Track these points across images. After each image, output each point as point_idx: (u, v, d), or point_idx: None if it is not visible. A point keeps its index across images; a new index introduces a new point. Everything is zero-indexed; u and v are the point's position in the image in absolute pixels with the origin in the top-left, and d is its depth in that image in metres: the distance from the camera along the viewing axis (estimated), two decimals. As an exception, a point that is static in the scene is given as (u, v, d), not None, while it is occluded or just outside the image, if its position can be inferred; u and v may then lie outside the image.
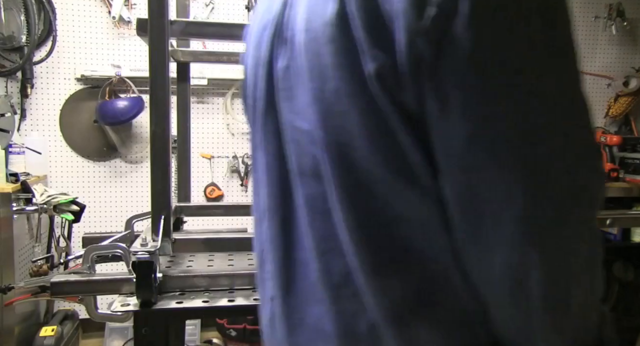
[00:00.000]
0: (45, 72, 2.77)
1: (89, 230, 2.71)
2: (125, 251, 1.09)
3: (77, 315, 2.66)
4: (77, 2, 2.76)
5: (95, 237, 1.35)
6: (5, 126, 2.45)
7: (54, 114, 2.80)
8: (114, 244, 1.14)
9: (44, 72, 2.76)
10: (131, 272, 1.04)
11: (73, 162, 2.86)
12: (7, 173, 2.26)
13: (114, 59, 2.82)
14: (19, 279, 2.08)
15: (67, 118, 2.81)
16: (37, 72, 2.74)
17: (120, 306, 1.03)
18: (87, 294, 1.08)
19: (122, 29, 2.81)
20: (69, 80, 2.80)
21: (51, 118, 2.80)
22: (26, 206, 2.00)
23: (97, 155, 2.88)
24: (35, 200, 1.90)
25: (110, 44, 2.83)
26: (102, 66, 2.79)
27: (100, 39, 2.81)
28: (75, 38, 2.79)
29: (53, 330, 2.27)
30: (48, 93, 2.79)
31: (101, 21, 2.81)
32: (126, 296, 1.06)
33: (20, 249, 2.28)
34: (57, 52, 2.75)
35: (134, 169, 2.95)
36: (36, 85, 2.74)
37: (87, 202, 2.18)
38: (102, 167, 2.91)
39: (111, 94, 2.78)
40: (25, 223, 2.35)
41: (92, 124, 2.82)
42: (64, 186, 2.82)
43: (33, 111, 2.77)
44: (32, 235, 2.34)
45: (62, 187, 2.79)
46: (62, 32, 2.76)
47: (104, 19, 2.80)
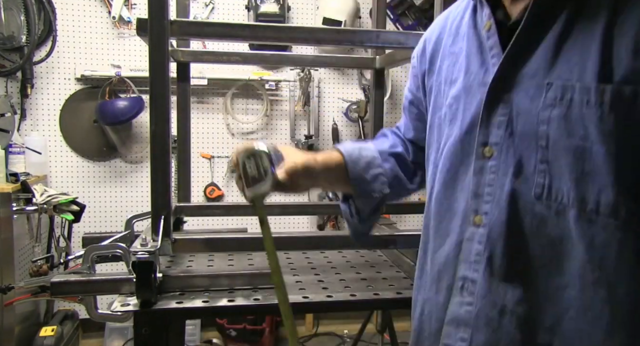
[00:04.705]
0: (45, 72, 2.77)
1: (89, 230, 2.71)
2: (125, 251, 1.09)
3: (77, 315, 2.66)
4: (77, 2, 2.76)
5: (95, 237, 1.35)
6: (5, 126, 2.45)
7: (54, 114, 2.80)
8: (114, 244, 1.14)
9: (44, 72, 2.76)
10: (131, 272, 1.04)
11: (73, 162, 2.86)
12: (7, 173, 2.26)
13: (114, 59, 2.82)
14: (19, 279, 2.08)
15: (67, 118, 2.81)
16: (37, 72, 2.74)
17: (120, 306, 1.03)
18: (87, 294, 1.08)
19: (122, 29, 2.81)
20: (69, 80, 2.80)
21: (51, 118, 2.80)
22: (26, 206, 2.00)
23: (97, 155, 2.88)
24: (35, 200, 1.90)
25: (110, 44, 2.83)
26: (102, 66, 2.79)
27: (100, 39, 2.81)
28: (75, 38, 2.79)
29: (53, 330, 2.27)
30: (48, 94, 2.79)
31: (101, 21, 2.81)
32: (126, 296, 1.06)
33: (20, 249, 2.28)
34: (57, 52, 2.75)
35: (134, 169, 2.95)
36: (36, 85, 2.74)
37: (87, 202, 2.18)
38: (102, 167, 2.91)
39: (111, 94, 2.78)
40: (25, 223, 2.35)
41: (92, 124, 2.82)
42: (64, 186, 2.82)
43: (33, 111, 2.77)
44: (32, 235, 2.34)
45: (62, 187, 2.79)
46: (62, 32, 2.76)
47: (104, 19, 2.80)
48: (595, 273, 0.58)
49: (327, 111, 3.15)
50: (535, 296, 0.62)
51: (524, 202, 0.63)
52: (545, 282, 0.62)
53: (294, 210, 1.88)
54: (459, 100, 0.73)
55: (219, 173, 3.04)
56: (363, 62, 2.02)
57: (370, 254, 1.49)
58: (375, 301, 1.13)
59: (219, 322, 2.85)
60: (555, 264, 0.61)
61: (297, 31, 1.40)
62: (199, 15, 2.88)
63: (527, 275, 0.63)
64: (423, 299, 0.78)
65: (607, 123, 0.56)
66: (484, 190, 0.67)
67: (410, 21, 3.12)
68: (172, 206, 1.16)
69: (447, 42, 0.80)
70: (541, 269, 0.62)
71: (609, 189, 0.56)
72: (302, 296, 1.11)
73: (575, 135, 0.58)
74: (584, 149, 0.57)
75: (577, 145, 0.58)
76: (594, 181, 0.57)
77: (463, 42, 0.75)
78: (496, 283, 0.65)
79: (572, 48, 0.60)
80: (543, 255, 0.62)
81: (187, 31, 1.22)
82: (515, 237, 0.63)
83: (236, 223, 2.58)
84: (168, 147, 1.11)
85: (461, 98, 0.72)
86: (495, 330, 0.64)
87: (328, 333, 3.11)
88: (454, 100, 0.74)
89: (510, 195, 0.64)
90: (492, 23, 0.69)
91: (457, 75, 0.75)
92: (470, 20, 0.75)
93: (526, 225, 0.62)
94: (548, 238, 0.61)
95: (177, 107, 1.64)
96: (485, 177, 0.67)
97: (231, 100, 2.99)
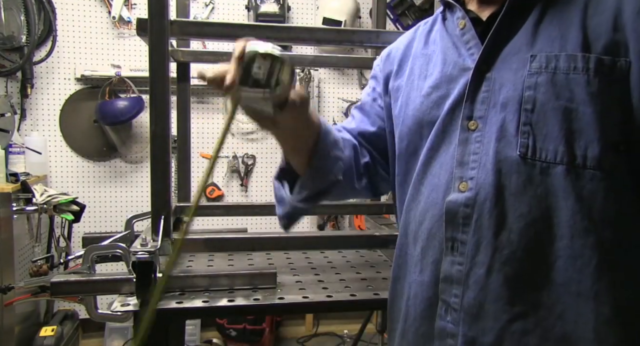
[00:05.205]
0: (45, 72, 2.77)
1: (89, 230, 2.72)
2: (125, 251, 1.09)
3: (77, 315, 2.66)
4: (77, 2, 2.76)
5: (95, 237, 1.35)
6: (5, 126, 2.45)
7: (54, 114, 2.80)
8: (114, 244, 1.14)
9: (44, 72, 2.76)
10: (131, 272, 1.04)
11: (73, 162, 2.86)
12: (7, 173, 2.26)
13: (114, 59, 2.82)
14: (19, 279, 2.08)
15: (67, 118, 2.81)
16: (37, 72, 2.74)
17: (120, 306, 1.03)
18: (87, 294, 1.08)
19: (122, 29, 2.81)
20: (68, 80, 2.80)
21: (51, 118, 2.80)
22: (26, 206, 1.99)
23: (97, 155, 2.88)
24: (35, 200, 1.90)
25: (110, 44, 2.83)
26: (102, 66, 2.79)
27: (100, 39, 2.81)
28: (75, 38, 2.79)
29: (53, 330, 2.27)
30: (48, 94, 2.79)
31: (101, 21, 2.81)
32: (126, 296, 1.06)
33: (20, 249, 2.28)
34: (57, 52, 2.75)
35: (134, 169, 2.95)
36: (36, 85, 2.74)
37: (87, 202, 2.18)
38: (102, 167, 2.91)
39: (111, 94, 2.78)
40: (25, 223, 2.35)
41: (92, 124, 2.82)
42: (64, 186, 2.82)
43: (33, 111, 2.77)
44: (32, 235, 2.34)
45: (62, 187, 2.79)
46: (62, 32, 2.76)
47: (104, 19, 2.80)
48: (584, 222, 0.63)
49: (327, 111, 3.15)
50: (523, 255, 0.66)
51: (509, 163, 0.67)
52: (533, 238, 0.65)
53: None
54: (438, 88, 0.77)
55: (219, 173, 3.04)
56: (363, 62, 2.02)
57: (370, 254, 1.49)
58: (375, 301, 1.13)
59: (219, 322, 2.85)
60: (543, 219, 0.65)
61: (297, 31, 1.40)
62: (199, 15, 2.88)
63: (515, 234, 0.66)
64: (408, 283, 0.79)
65: (592, 86, 0.63)
66: (470, 158, 0.70)
67: (410, 21, 3.12)
68: (172, 206, 1.16)
69: (417, 46, 0.85)
70: (529, 226, 0.65)
71: (594, 144, 0.63)
72: (302, 296, 1.11)
73: (562, 98, 0.64)
74: (571, 110, 0.64)
75: (565, 106, 0.64)
76: (581, 138, 0.64)
77: (435, 45, 0.81)
78: (484, 245, 0.68)
79: (550, 26, 0.68)
80: (530, 212, 0.65)
81: (187, 31, 1.22)
82: (502, 197, 0.67)
83: (236, 223, 2.58)
84: (168, 147, 1.12)
85: (441, 86, 0.76)
86: (483, 288, 0.68)
87: (328, 333, 3.11)
88: (432, 89, 0.77)
89: (495, 158, 0.67)
90: (467, 21, 0.76)
91: (432, 70, 0.79)
92: (441, 27, 0.82)
93: (512, 185, 0.66)
94: (534, 195, 0.65)
95: (177, 107, 1.64)
96: (471, 147, 0.71)
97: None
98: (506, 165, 0.67)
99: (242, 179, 3.03)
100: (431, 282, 0.73)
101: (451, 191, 0.71)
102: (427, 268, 0.74)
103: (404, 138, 0.82)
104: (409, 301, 0.78)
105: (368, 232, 1.48)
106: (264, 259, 1.41)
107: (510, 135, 0.67)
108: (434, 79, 0.77)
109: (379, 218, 1.61)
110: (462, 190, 0.70)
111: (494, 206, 0.67)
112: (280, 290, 1.14)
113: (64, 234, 2.20)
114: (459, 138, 0.72)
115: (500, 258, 0.66)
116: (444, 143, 0.74)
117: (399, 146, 0.84)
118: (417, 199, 0.77)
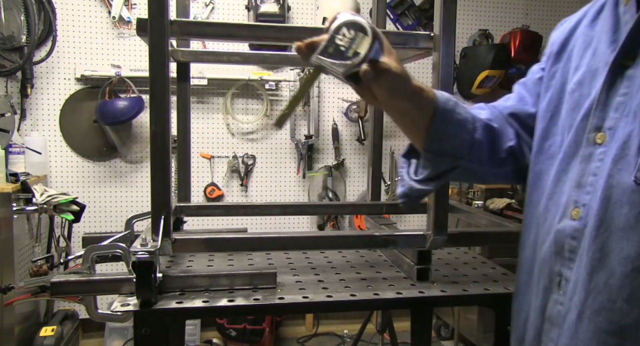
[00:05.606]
0: (45, 72, 2.77)
1: (89, 230, 2.71)
2: (125, 251, 1.09)
3: (77, 315, 2.66)
4: (77, 2, 2.77)
5: (95, 237, 1.35)
6: (5, 126, 2.45)
7: (54, 114, 2.80)
8: (114, 244, 1.14)
9: (44, 72, 2.76)
10: (131, 272, 1.04)
11: (73, 162, 2.86)
12: (7, 173, 2.26)
13: (114, 59, 2.82)
14: (19, 279, 2.08)
15: (67, 118, 2.81)
16: (37, 72, 2.74)
17: (120, 306, 1.03)
18: (87, 294, 1.08)
19: (122, 29, 2.81)
20: (68, 80, 2.80)
21: (51, 118, 2.80)
22: (26, 206, 2.00)
23: (97, 155, 2.89)
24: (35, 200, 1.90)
25: (110, 44, 2.83)
26: (102, 66, 2.79)
27: (100, 39, 2.81)
28: (75, 38, 2.79)
29: (53, 330, 2.27)
30: (48, 94, 2.79)
31: (101, 21, 2.81)
32: (126, 296, 1.06)
33: (20, 249, 2.28)
34: (57, 52, 2.75)
35: (134, 169, 2.95)
36: (36, 85, 2.74)
37: (87, 202, 2.19)
38: (102, 167, 2.91)
39: (111, 94, 2.78)
40: (25, 223, 2.35)
41: (92, 124, 2.82)
42: (64, 186, 2.83)
43: (33, 111, 2.77)
44: (32, 235, 2.34)
45: (62, 187, 2.79)
46: (62, 32, 2.76)
47: (104, 19, 2.80)
48: None
49: (327, 111, 3.15)
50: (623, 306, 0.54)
51: (622, 189, 0.54)
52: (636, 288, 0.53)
53: (294, 210, 1.87)
54: (582, 85, 0.65)
55: (219, 173, 3.04)
56: (363, 62, 2.01)
57: (370, 254, 1.49)
58: (375, 301, 1.13)
59: (219, 322, 2.86)
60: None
61: (297, 31, 1.40)
62: (199, 15, 2.89)
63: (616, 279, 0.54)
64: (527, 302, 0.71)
65: None
66: (587, 180, 0.59)
67: (410, 21, 3.12)
68: (172, 206, 1.16)
69: (585, 22, 0.72)
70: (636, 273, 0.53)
71: None
72: (302, 296, 1.11)
73: None
74: None
75: None
76: None
77: (600, 22, 0.67)
78: (580, 286, 0.58)
79: None
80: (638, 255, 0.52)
81: (187, 31, 1.22)
82: (607, 231, 0.55)
83: (236, 223, 2.58)
84: (168, 147, 1.11)
85: (584, 82, 0.64)
86: (574, 336, 0.59)
87: (328, 333, 3.11)
88: (576, 85, 0.66)
89: (606, 182, 0.55)
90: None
91: (585, 60, 0.67)
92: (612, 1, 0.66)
93: (621, 217, 0.54)
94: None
95: (177, 107, 1.64)
96: (592, 166, 0.59)
97: (231, 100, 2.99)
98: (617, 192, 0.54)
99: (242, 179, 3.03)
100: (541, 313, 0.66)
101: (564, 217, 0.62)
102: (539, 296, 0.67)
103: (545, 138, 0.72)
104: (527, 324, 0.71)
105: (368, 232, 1.48)
106: (264, 259, 1.41)
107: (631, 155, 0.53)
108: (581, 72, 0.66)
109: (379, 218, 1.61)
110: (574, 217, 0.60)
111: (593, 240, 0.56)
112: (280, 290, 1.14)
113: (64, 234, 2.20)
114: (582, 154, 0.61)
115: (593, 305, 0.56)
116: (576, 155, 0.63)
117: (539, 143, 0.73)
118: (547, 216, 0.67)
